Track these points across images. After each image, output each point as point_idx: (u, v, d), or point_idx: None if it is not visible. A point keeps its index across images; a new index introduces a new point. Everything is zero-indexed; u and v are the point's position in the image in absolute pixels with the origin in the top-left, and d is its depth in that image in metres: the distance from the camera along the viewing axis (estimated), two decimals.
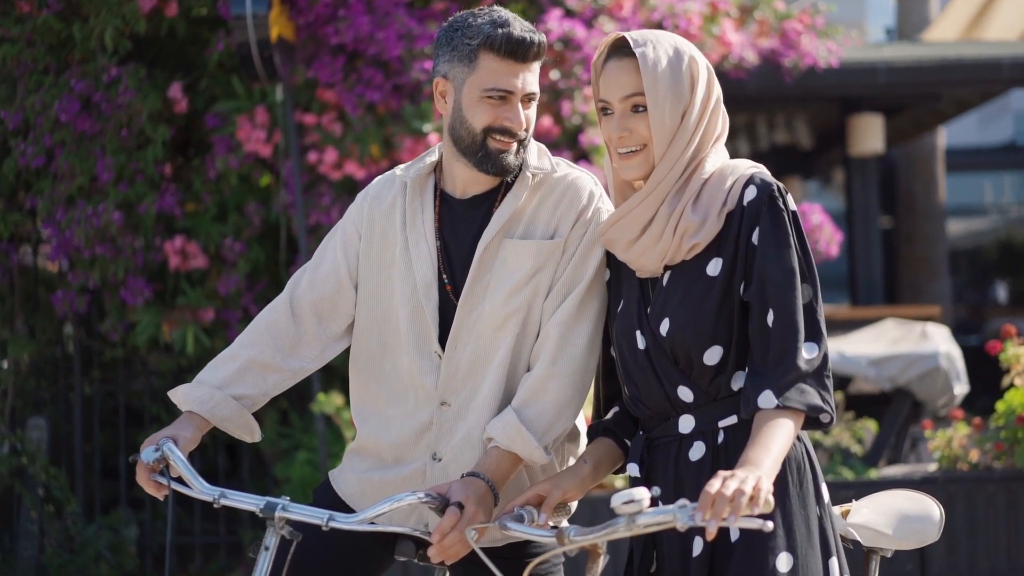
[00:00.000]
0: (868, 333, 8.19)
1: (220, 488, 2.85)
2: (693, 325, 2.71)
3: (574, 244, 2.98)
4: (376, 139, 7.05)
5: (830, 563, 2.67)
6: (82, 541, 7.31)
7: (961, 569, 6.23)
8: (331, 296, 3.13)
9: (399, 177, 3.12)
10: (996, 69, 9.83)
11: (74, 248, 7.19)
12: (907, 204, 12.81)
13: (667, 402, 2.77)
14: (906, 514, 2.98)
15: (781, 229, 2.69)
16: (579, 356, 2.94)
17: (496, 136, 2.93)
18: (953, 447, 6.48)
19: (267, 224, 7.52)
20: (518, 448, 2.89)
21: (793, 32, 8.86)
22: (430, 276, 3.01)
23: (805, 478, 2.69)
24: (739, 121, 12.06)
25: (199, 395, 3.04)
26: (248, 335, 3.13)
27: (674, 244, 2.74)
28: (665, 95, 2.72)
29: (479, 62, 2.91)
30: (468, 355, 2.99)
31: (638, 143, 2.77)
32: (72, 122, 7.10)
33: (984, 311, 16.13)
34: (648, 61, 2.72)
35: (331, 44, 7.19)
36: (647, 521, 2.33)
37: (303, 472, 7.02)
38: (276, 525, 2.79)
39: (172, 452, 2.89)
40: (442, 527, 2.73)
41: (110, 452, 8.21)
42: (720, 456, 2.71)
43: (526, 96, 2.94)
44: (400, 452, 3.07)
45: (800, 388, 2.61)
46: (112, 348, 7.88)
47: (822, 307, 2.73)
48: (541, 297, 2.98)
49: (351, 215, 3.17)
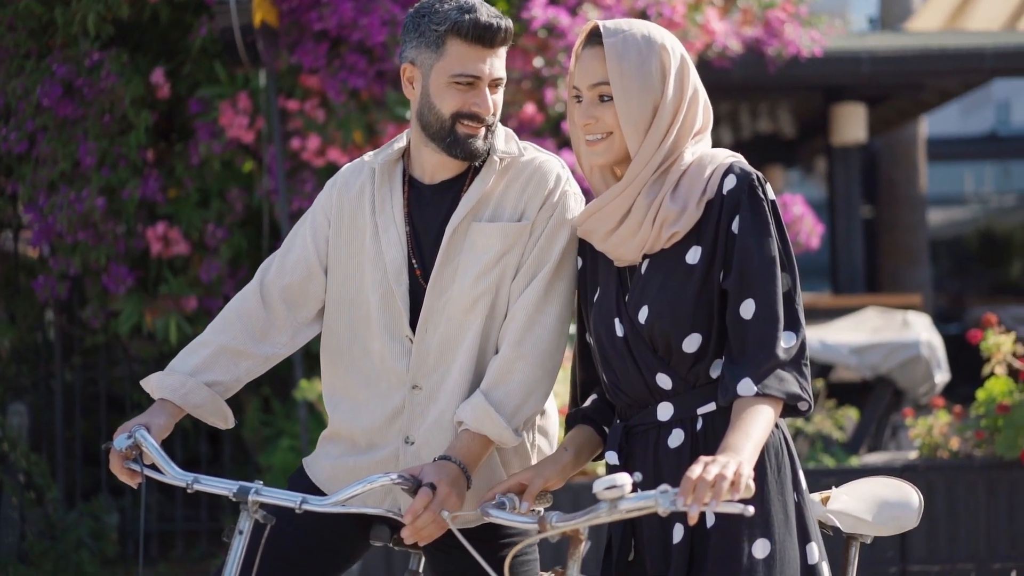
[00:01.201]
0: (850, 321, 8.21)
1: (193, 474, 2.87)
2: (672, 313, 2.72)
3: (541, 226, 3.01)
4: (359, 125, 7.04)
5: (808, 548, 2.69)
6: (63, 528, 7.29)
7: (941, 556, 6.25)
8: (300, 282, 3.14)
9: (367, 163, 3.15)
10: (979, 59, 9.86)
11: (56, 234, 7.17)
12: (888, 193, 12.85)
13: (646, 390, 2.78)
14: (885, 500, 3.00)
15: (761, 218, 2.70)
16: (546, 337, 2.96)
17: (464, 121, 2.95)
18: (934, 435, 6.50)
19: (249, 210, 7.51)
20: (487, 430, 2.91)
21: (777, 21, 8.88)
22: (400, 261, 3.04)
23: (783, 464, 2.70)
24: (722, 110, 12.07)
25: (171, 383, 3.05)
26: (219, 322, 3.15)
27: (653, 233, 2.75)
28: (630, 86, 2.73)
29: (446, 48, 2.93)
30: (438, 338, 3.01)
31: (603, 131, 2.78)
32: (54, 107, 7.08)
33: (964, 300, 16.20)
34: (615, 51, 2.74)
35: (314, 30, 7.17)
36: (629, 506, 2.34)
37: (285, 459, 7.02)
38: (249, 509, 2.81)
39: (145, 439, 2.90)
40: (414, 508, 2.75)
41: (91, 439, 8.20)
42: (699, 443, 2.72)
43: (493, 81, 2.97)
44: (373, 437, 3.08)
45: (779, 376, 2.63)
46: (93, 335, 7.86)
47: (801, 296, 2.74)
48: (509, 279, 3.01)
49: (320, 202, 3.19)
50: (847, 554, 3.06)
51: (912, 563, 6.24)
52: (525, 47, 7.28)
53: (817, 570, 2.69)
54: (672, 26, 7.92)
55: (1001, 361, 6.34)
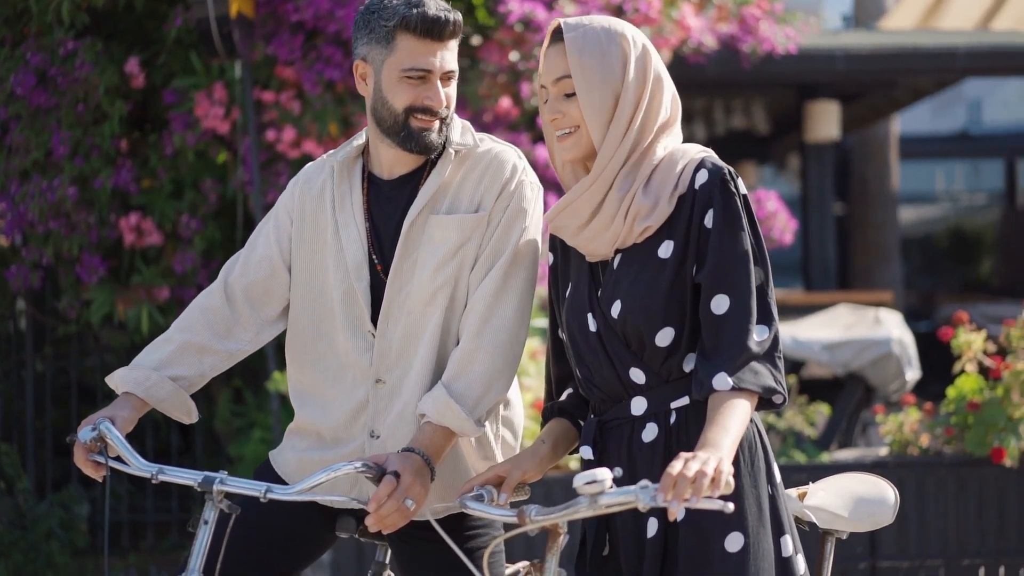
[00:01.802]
0: (822, 318, 8.25)
1: (158, 464, 2.89)
2: (644, 307, 2.73)
3: (498, 216, 3.03)
4: (335, 117, 7.03)
5: (782, 540, 2.70)
6: (33, 518, 7.26)
7: (910, 552, 6.29)
8: (264, 280, 3.17)
9: (327, 161, 3.17)
10: (952, 58, 9.92)
11: (28, 223, 7.13)
12: (860, 190, 12.91)
13: (619, 384, 2.79)
14: (861, 496, 3.02)
15: (733, 212, 2.71)
16: (506, 327, 2.98)
17: (418, 115, 2.98)
18: (904, 432, 6.54)
19: (223, 201, 7.48)
20: (449, 422, 2.92)
21: (752, 18, 8.91)
22: (360, 257, 3.06)
23: (756, 457, 2.71)
24: (697, 106, 12.11)
25: (135, 376, 3.08)
26: (184, 319, 3.18)
27: (625, 228, 2.76)
28: (592, 78, 2.74)
29: (396, 43, 2.96)
30: (400, 332, 3.03)
31: (570, 125, 2.79)
32: (28, 95, 7.04)
33: (934, 297, 16.28)
34: (575, 45, 2.75)
35: (291, 21, 7.15)
36: (609, 501, 2.35)
37: (257, 450, 7.01)
38: (214, 498, 2.83)
39: (109, 431, 2.92)
40: (378, 496, 2.76)
41: (62, 429, 8.17)
42: (672, 437, 2.73)
43: (445, 74, 2.99)
44: (338, 432, 3.11)
45: (753, 369, 2.64)
46: (65, 325, 7.83)
47: (773, 290, 2.76)
48: (467, 270, 3.03)
49: (283, 200, 3.22)
50: (823, 549, 3.08)
51: (882, 559, 6.29)
52: (501, 41, 7.28)
53: (792, 563, 2.70)
54: (648, 22, 7.94)
55: (972, 359, 6.38)
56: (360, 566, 6.29)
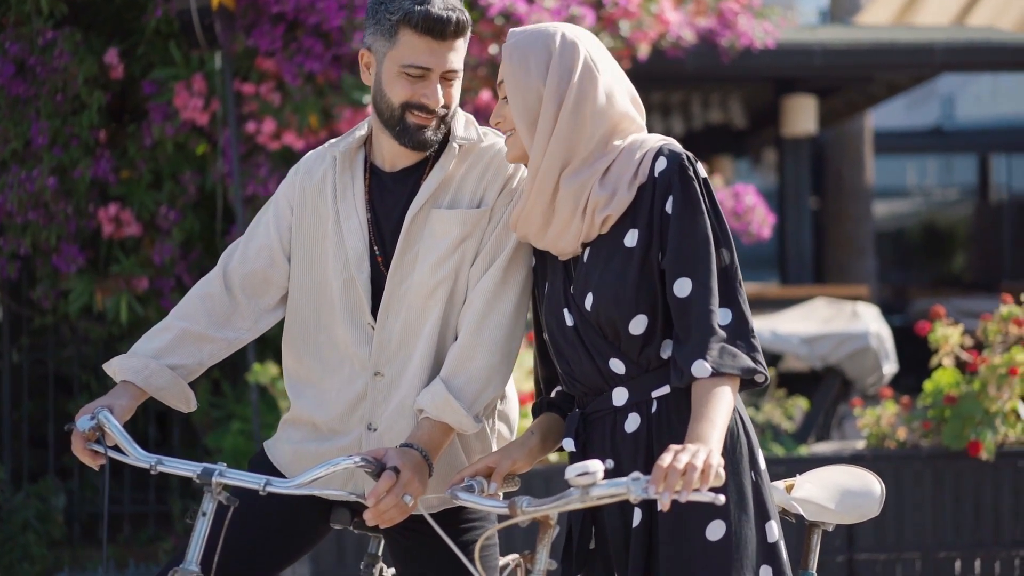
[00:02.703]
0: (799, 312, 8.29)
1: (157, 455, 2.87)
2: (615, 296, 2.74)
3: (500, 212, 3.03)
4: (315, 109, 7.02)
5: (767, 527, 2.71)
6: (9, 509, 7.25)
7: (888, 545, 6.33)
8: (263, 269, 3.16)
9: (329, 151, 3.16)
10: (929, 54, 9.96)
11: (6, 213, 7.10)
12: (835, 185, 12.96)
13: (599, 376, 2.81)
14: (848, 489, 3.04)
15: (692, 197, 2.73)
16: (504, 323, 2.98)
17: (414, 111, 2.97)
18: (881, 425, 6.57)
19: (202, 193, 7.47)
20: (448, 418, 2.93)
21: (730, 12, 8.93)
22: (361, 248, 3.05)
23: (738, 444, 2.72)
24: (674, 100, 12.14)
25: (134, 365, 3.06)
26: (182, 307, 3.16)
27: (587, 221, 2.78)
28: (517, 81, 2.80)
29: (399, 37, 2.94)
30: (400, 325, 3.02)
31: (508, 128, 2.86)
32: (6, 85, 7.01)
33: (907, 292, 16.36)
34: (507, 51, 2.82)
35: (271, 13, 7.13)
36: (601, 493, 2.36)
37: (236, 442, 7.00)
38: (213, 491, 2.82)
39: (108, 420, 2.90)
40: (377, 490, 2.76)
41: (38, 420, 8.14)
42: (654, 426, 2.74)
43: (445, 73, 2.97)
44: (335, 424, 3.10)
45: (731, 352, 2.65)
46: (42, 316, 7.80)
47: (739, 271, 2.76)
48: (467, 265, 3.02)
49: (283, 189, 3.21)
50: (809, 541, 3.10)
51: (859, 552, 6.32)
52: (481, 34, 7.28)
53: (777, 548, 2.71)
54: (627, 15, 7.96)
55: (949, 353, 6.42)
56: (340, 556, 6.29)
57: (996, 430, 6.23)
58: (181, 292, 7.35)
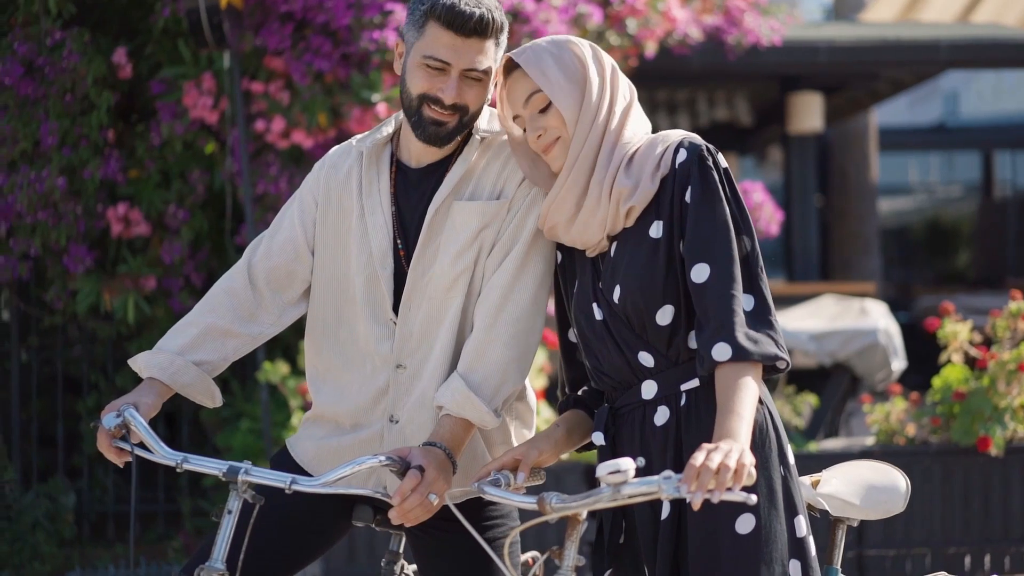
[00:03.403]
0: (807, 308, 8.29)
1: (183, 453, 2.87)
2: (641, 287, 2.77)
3: (518, 204, 3.03)
4: (324, 108, 7.02)
5: (796, 521, 2.73)
6: (19, 509, 7.24)
7: (897, 541, 6.35)
8: (287, 264, 3.16)
9: (355, 147, 3.16)
10: (935, 51, 9.96)
11: (15, 214, 7.11)
12: (840, 182, 12.96)
13: (628, 370, 2.82)
14: (873, 485, 3.05)
15: (710, 185, 2.76)
16: (521, 316, 2.98)
17: (431, 104, 2.97)
18: (891, 421, 6.59)
19: (211, 192, 7.47)
20: (469, 414, 2.93)
21: (736, 10, 8.94)
22: (386, 244, 3.05)
23: (767, 439, 2.73)
24: (681, 97, 12.14)
25: (159, 361, 3.06)
26: (207, 302, 3.16)
27: (612, 210, 2.81)
28: (557, 80, 2.84)
29: (425, 29, 2.95)
30: (421, 318, 3.03)
31: (553, 137, 2.88)
32: (15, 86, 7.01)
33: (911, 289, 16.37)
34: (530, 61, 2.87)
35: (280, 11, 7.14)
36: (632, 491, 2.36)
37: (245, 441, 7.01)
38: (239, 489, 2.82)
39: (134, 418, 2.90)
40: (403, 489, 2.76)
41: (47, 420, 8.14)
42: (683, 419, 2.76)
43: (468, 71, 2.97)
44: (357, 417, 3.10)
45: (752, 337, 2.67)
46: (51, 315, 7.81)
47: (761, 259, 2.78)
48: (485, 254, 3.02)
49: (308, 184, 3.20)
50: (834, 537, 3.11)
51: (869, 548, 6.34)
52: None
53: (805, 543, 2.72)
54: (634, 13, 7.97)
55: (958, 349, 6.44)
56: (351, 554, 6.31)
57: (1005, 426, 6.25)
58: (190, 291, 7.36)
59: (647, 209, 2.81)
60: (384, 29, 6.92)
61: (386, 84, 6.94)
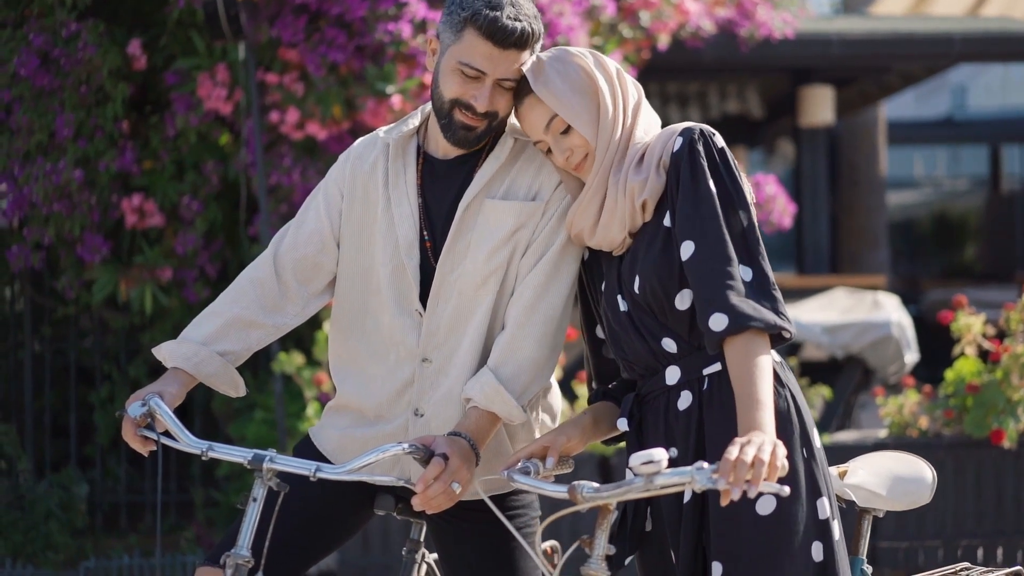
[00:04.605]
0: (819, 301, 8.30)
1: (208, 442, 2.89)
2: (659, 274, 2.81)
3: (554, 206, 3.04)
4: (338, 100, 7.03)
5: (819, 503, 2.74)
6: (32, 499, 7.27)
7: (909, 533, 6.36)
8: (313, 255, 3.17)
9: (382, 139, 3.16)
10: (948, 44, 9.96)
11: (30, 204, 7.12)
12: (849, 176, 12.96)
13: (652, 356, 2.86)
14: (900, 476, 3.06)
15: (696, 166, 2.80)
16: (553, 317, 3.01)
17: (462, 109, 2.99)
18: (904, 414, 6.60)
19: (225, 183, 7.49)
20: (497, 407, 2.94)
21: (749, 2, 8.94)
22: (412, 235, 3.06)
23: (789, 423, 2.75)
24: (691, 89, 12.14)
25: (184, 351, 3.07)
26: (232, 292, 3.17)
27: (628, 207, 2.86)
28: (571, 101, 2.89)
29: (463, 35, 2.95)
30: (449, 312, 3.04)
31: (580, 156, 2.93)
32: (31, 77, 7.02)
33: (918, 282, 16.37)
34: (543, 88, 2.91)
35: (295, 3, 7.14)
36: (664, 482, 2.37)
37: (259, 431, 7.02)
38: (264, 476, 2.84)
39: (159, 407, 2.92)
40: (426, 476, 2.78)
41: (60, 410, 8.17)
42: (705, 403, 2.78)
43: (501, 80, 2.98)
44: (382, 409, 3.11)
45: (751, 305, 2.69)
46: (64, 306, 7.83)
47: (758, 233, 2.81)
48: (519, 255, 3.04)
49: (333, 175, 3.21)
50: (860, 527, 3.12)
51: (881, 540, 6.35)
52: None
53: (828, 526, 2.73)
54: (647, 6, 7.98)
55: (971, 342, 6.45)
56: (365, 545, 6.33)
57: (1018, 418, 6.27)
58: (204, 282, 7.38)
59: (661, 201, 2.86)
60: (399, 21, 6.93)
61: (401, 76, 6.95)
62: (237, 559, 2.86)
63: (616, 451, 6.21)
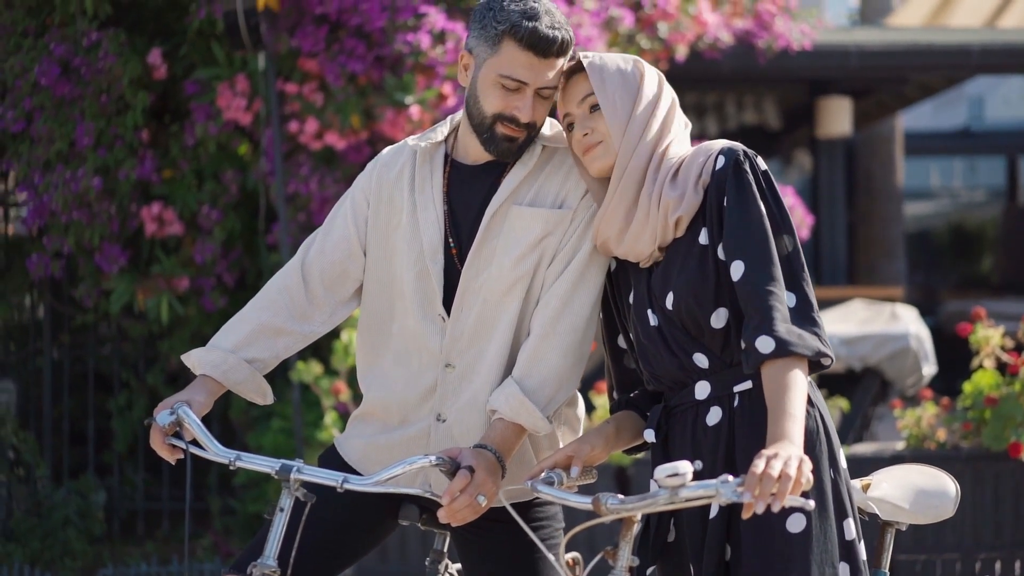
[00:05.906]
0: (837, 313, 8.29)
1: (236, 451, 2.89)
2: (694, 291, 2.81)
3: (581, 215, 3.04)
4: (357, 110, 7.05)
5: (845, 524, 2.75)
6: (50, 506, 7.29)
7: (927, 546, 6.34)
8: (341, 262, 3.17)
9: (410, 146, 3.17)
10: (966, 55, 9.94)
11: (50, 212, 7.15)
12: (866, 187, 12.94)
13: (682, 371, 2.86)
14: (923, 489, 3.06)
15: (744, 187, 2.80)
16: (578, 327, 3.00)
17: (505, 123, 2.99)
18: (922, 426, 6.58)
19: (244, 192, 7.52)
20: (523, 419, 2.94)
21: (767, 13, 8.95)
22: (437, 240, 3.06)
23: (817, 442, 2.75)
24: (709, 100, 12.15)
25: (212, 359, 3.08)
26: (261, 299, 3.18)
27: (661, 221, 2.85)
28: (614, 90, 2.90)
29: (501, 47, 2.95)
30: (473, 318, 3.04)
31: (597, 139, 2.92)
32: (52, 86, 7.06)
33: (935, 293, 16.34)
34: (595, 66, 2.93)
35: (315, 14, 7.18)
36: (689, 495, 2.37)
37: (276, 440, 7.03)
38: (291, 487, 2.84)
39: (187, 415, 2.93)
40: (452, 489, 2.78)
41: (78, 417, 8.20)
42: (736, 420, 2.79)
43: (541, 89, 2.99)
44: (405, 413, 3.11)
45: (796, 332, 2.69)
46: (83, 314, 7.86)
47: (803, 258, 2.81)
48: (546, 263, 3.04)
49: (360, 182, 3.22)
50: (882, 540, 3.12)
51: (899, 553, 6.32)
52: None
53: (854, 547, 2.74)
54: (665, 17, 7.99)
55: (989, 354, 6.42)
56: (382, 555, 6.33)
57: None
58: (222, 291, 7.40)
59: (695, 218, 2.86)
60: (418, 32, 6.95)
61: (419, 86, 6.97)
62: (264, 568, 2.87)
63: (634, 461, 6.21)
